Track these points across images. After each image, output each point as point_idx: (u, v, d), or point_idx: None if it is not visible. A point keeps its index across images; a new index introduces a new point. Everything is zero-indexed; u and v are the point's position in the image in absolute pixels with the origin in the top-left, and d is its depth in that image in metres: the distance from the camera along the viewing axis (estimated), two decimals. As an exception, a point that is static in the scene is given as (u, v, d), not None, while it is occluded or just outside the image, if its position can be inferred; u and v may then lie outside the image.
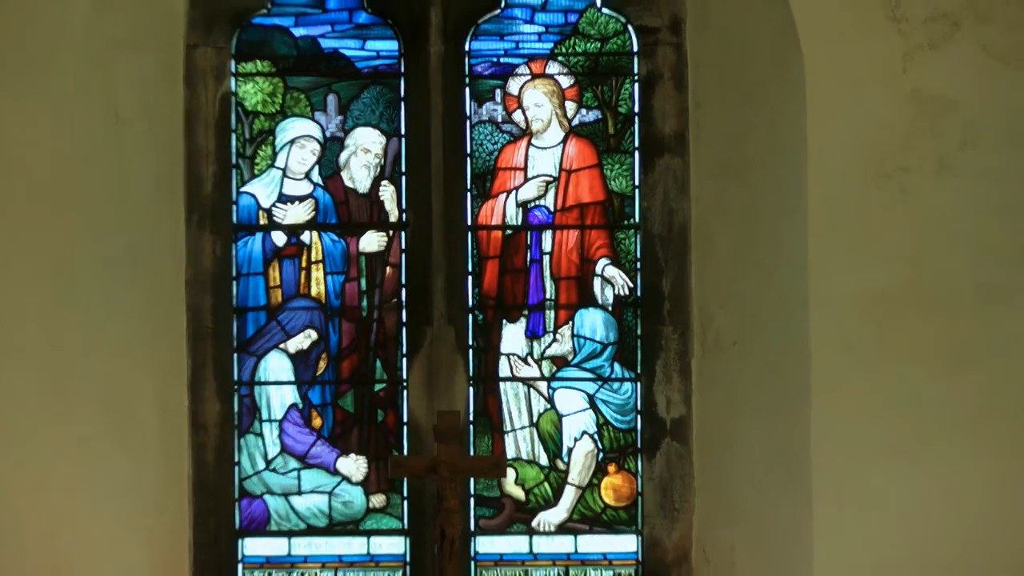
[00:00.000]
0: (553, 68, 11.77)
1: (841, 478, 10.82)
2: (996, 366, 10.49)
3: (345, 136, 11.76)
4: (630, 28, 11.68)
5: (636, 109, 11.75)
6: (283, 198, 11.68)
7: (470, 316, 11.66)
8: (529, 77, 11.78)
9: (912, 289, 10.71)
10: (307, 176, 11.70)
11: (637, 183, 11.74)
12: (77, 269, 10.91)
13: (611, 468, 11.64)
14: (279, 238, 11.70)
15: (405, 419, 11.60)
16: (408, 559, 11.60)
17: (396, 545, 11.64)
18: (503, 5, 11.71)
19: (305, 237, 11.71)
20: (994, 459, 10.51)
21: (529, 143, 11.78)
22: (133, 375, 11.15)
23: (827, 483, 10.88)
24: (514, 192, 11.78)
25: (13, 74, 10.73)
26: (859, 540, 10.83)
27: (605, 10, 11.70)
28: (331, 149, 11.74)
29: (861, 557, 10.82)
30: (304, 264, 11.69)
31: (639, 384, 11.65)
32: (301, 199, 11.69)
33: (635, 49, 11.72)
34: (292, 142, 11.72)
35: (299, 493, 11.64)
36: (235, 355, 11.60)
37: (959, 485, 10.56)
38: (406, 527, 11.61)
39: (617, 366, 11.71)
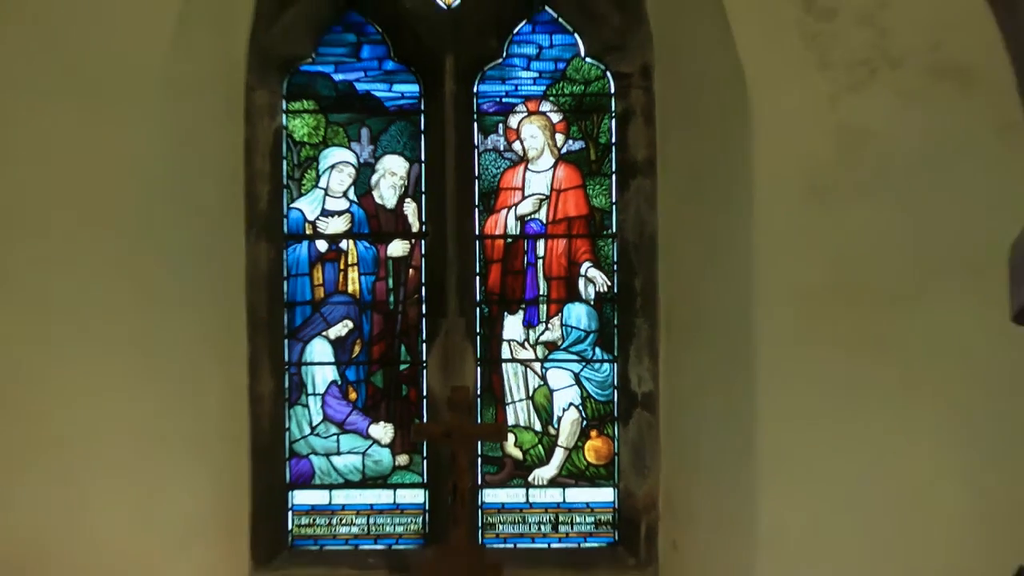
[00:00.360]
0: (545, 106, 11.85)
1: (780, 440, 10.85)
2: (904, 352, 10.53)
3: (375, 162, 11.80)
4: (608, 74, 11.78)
5: (613, 140, 11.86)
6: (325, 213, 11.74)
7: (477, 309, 11.77)
8: (526, 114, 11.85)
9: (837, 288, 10.76)
10: (344, 195, 11.76)
11: (614, 200, 11.83)
12: (157, 272, 11.01)
13: (593, 433, 11.74)
14: (321, 245, 11.77)
15: (424, 393, 11.69)
16: (427, 508, 11.67)
17: (417, 496, 11.71)
18: (504, 55, 11.80)
19: (343, 244, 11.76)
20: (899, 420, 10.54)
21: (526, 168, 11.85)
22: (204, 358, 11.24)
23: (769, 444, 10.95)
24: (513, 208, 11.85)
25: (106, 107, 10.77)
26: (794, 489, 10.85)
27: (588, 59, 11.78)
28: (364, 173, 11.79)
29: (796, 501, 10.80)
30: (342, 267, 11.77)
31: (616, 365, 11.76)
32: (339, 213, 11.75)
33: (612, 91, 11.81)
34: (332, 167, 11.78)
35: (338, 453, 11.72)
36: (285, 341, 11.68)
37: (875, 443, 10.56)
38: (425, 481, 11.69)
39: (598, 350, 11.81)
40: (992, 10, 6.93)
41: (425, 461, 11.75)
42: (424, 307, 11.80)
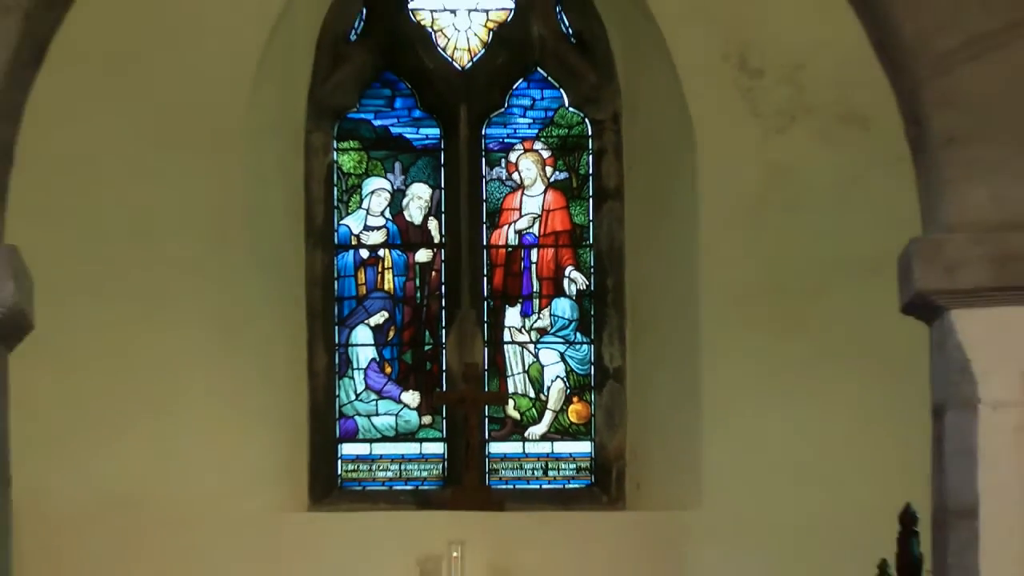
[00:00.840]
0: (537, 145, 11.84)
1: (719, 404, 10.98)
2: (818, 335, 10.81)
3: (406, 188, 11.78)
4: (586, 120, 11.78)
5: (590, 171, 11.85)
6: (366, 228, 11.72)
7: (484, 303, 11.76)
8: (522, 151, 11.83)
9: (765, 286, 10.89)
10: (382, 214, 11.73)
11: (591, 218, 11.81)
12: (239, 274, 11.13)
13: (574, 399, 11.75)
14: (364, 253, 11.74)
15: (444, 368, 11.71)
16: (445, 457, 11.68)
17: (438, 448, 11.73)
18: (506, 105, 11.78)
19: (380, 252, 11.74)
20: (815, 387, 10.66)
21: (522, 193, 11.83)
22: (273, 341, 11.32)
23: (710, 407, 11.07)
24: (513, 224, 11.85)
25: (199, 146, 10.92)
26: (731, 442, 10.97)
27: (570, 109, 11.77)
28: (397, 197, 11.76)
29: (731, 452, 10.91)
30: (380, 270, 11.74)
31: (592, 346, 11.76)
32: (378, 228, 11.73)
33: (589, 133, 11.81)
34: (372, 192, 11.76)
35: (376, 415, 11.71)
36: (335, 327, 11.67)
37: (795, 406, 10.77)
38: (444, 436, 11.69)
39: (578, 334, 11.80)
40: (884, 70, 6.99)
41: (444, 421, 11.76)
42: (443, 301, 11.81)
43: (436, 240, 11.85)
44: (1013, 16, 6.55)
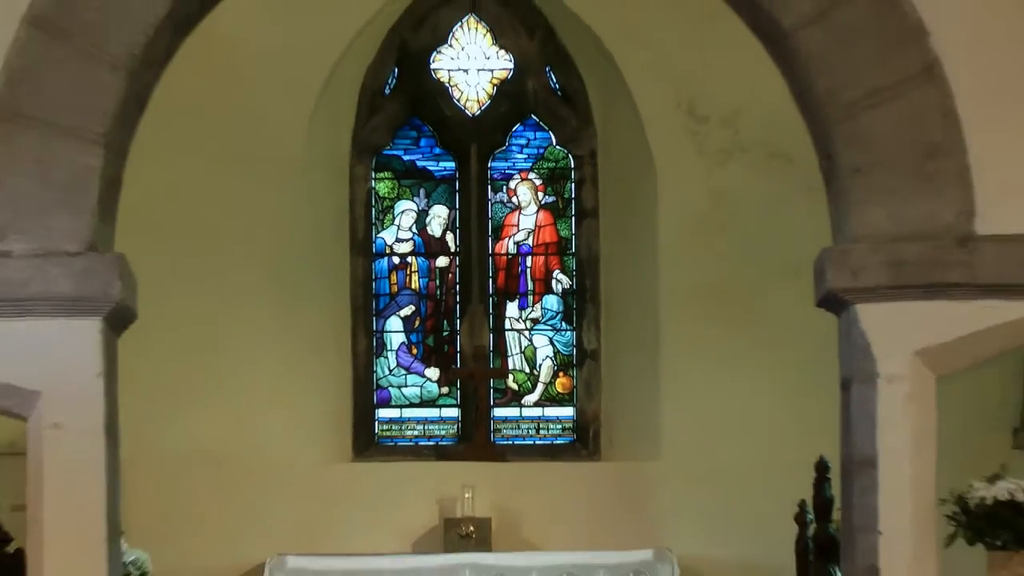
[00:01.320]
0: (532, 175, 11.80)
1: (675, 380, 11.00)
2: (758, 325, 10.75)
3: (428, 209, 11.73)
4: (569, 155, 11.75)
5: (573, 196, 11.80)
6: (397, 240, 11.69)
7: (490, 299, 11.74)
8: (520, 180, 11.79)
9: (712, 286, 10.87)
10: (409, 229, 11.70)
11: (574, 232, 11.77)
12: (297, 277, 11.17)
13: (560, 374, 11.72)
14: (395, 260, 11.72)
15: (458, 349, 11.65)
16: (459, 419, 11.65)
17: (453, 412, 11.71)
18: (507, 144, 11.73)
19: (408, 259, 11.73)
20: (755, 366, 10.72)
21: (519, 213, 11.79)
22: (325, 328, 11.36)
23: (667, 383, 11.09)
24: (512, 237, 11.81)
25: (265, 173, 10.98)
26: (684, 410, 11.01)
27: (557, 146, 11.72)
28: (421, 216, 11.72)
29: (685, 417, 10.94)
30: (408, 273, 11.73)
31: (574, 332, 11.73)
32: (406, 240, 11.71)
33: (572, 166, 11.77)
34: (402, 212, 11.72)
35: (405, 386, 11.69)
36: (373, 318, 11.65)
37: (739, 381, 10.82)
38: (458, 403, 11.67)
39: (564, 323, 11.75)
40: (803, 117, 7.01)
41: (458, 391, 11.72)
42: (458, 297, 11.75)
43: (452, 249, 11.81)
44: (903, 74, 6.58)
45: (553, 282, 11.86)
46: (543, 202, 11.88)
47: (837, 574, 7.20)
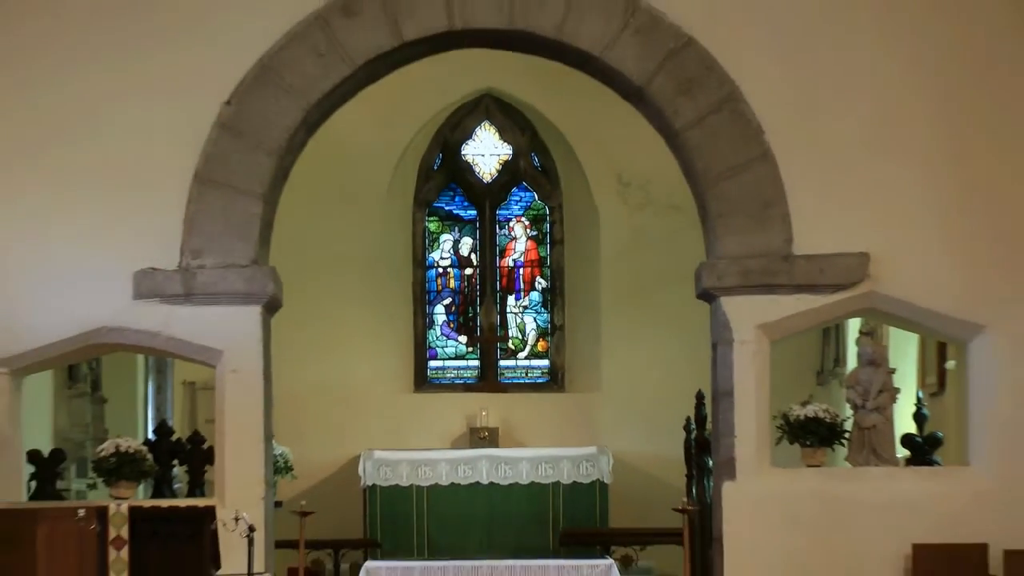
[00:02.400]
0: (523, 219, 11.68)
1: (610, 344, 11.03)
2: (664, 309, 10.42)
3: (459, 239, 11.62)
4: (546, 207, 11.62)
5: (548, 231, 11.67)
6: (441, 258, 11.59)
7: (497, 294, 11.56)
8: (515, 221, 11.66)
9: (634, 285, 10.81)
10: (448, 251, 11.61)
11: (548, 254, 11.64)
12: (379, 281, 11.12)
13: (540, 340, 11.60)
14: (439, 270, 11.62)
15: (478, 324, 11.49)
16: (479, 367, 11.47)
17: (475, 363, 11.53)
18: (507, 200, 11.63)
19: (448, 270, 11.63)
20: (665, 339, 10.57)
21: (515, 242, 11.66)
22: (397, 313, 11.27)
23: (606, 346, 11.05)
24: (511, 256, 11.66)
25: (360, 217, 10.93)
26: (615, 361, 11.00)
27: (539, 201, 11.60)
28: (455, 243, 11.62)
29: (616, 368, 10.94)
30: (448, 278, 11.65)
31: (549, 314, 11.60)
32: (446, 258, 11.62)
33: (547, 213, 11.64)
34: (444, 241, 11.61)
35: (446, 347, 11.58)
36: (426, 306, 11.51)
37: (651, 345, 10.70)
38: (478, 357, 11.51)
39: (543, 309, 11.62)
40: (688, 183, 7.00)
41: (478, 350, 11.55)
42: (478, 293, 11.62)
43: (474, 263, 11.69)
44: (748, 157, 6.61)
45: (536, 283, 11.73)
46: (530, 235, 11.76)
47: (709, 463, 7.19)
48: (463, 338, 11.68)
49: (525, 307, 11.75)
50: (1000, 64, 6.39)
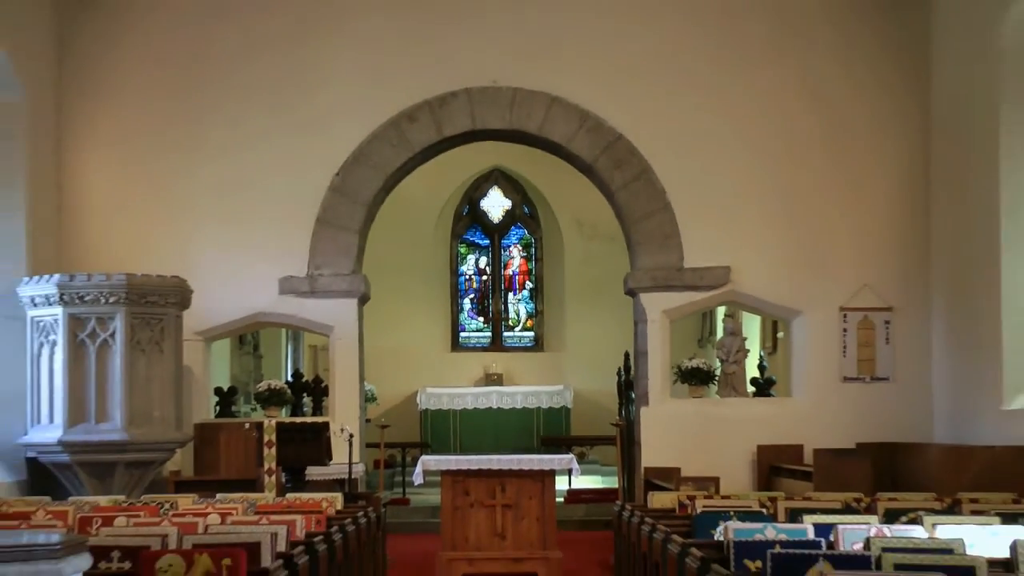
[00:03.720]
0: (518, 245, 11.34)
1: (572, 323, 10.68)
2: (607, 300, 9.22)
3: (478, 259, 11.23)
4: (532, 238, 11.25)
5: (533, 253, 11.30)
6: (467, 269, 11.23)
7: (502, 292, 11.24)
8: (513, 247, 11.32)
9: (588, 288, 10.35)
10: (471, 266, 11.24)
11: (534, 266, 11.26)
12: (429, 285, 10.80)
13: (529, 320, 11.24)
14: (466, 278, 11.25)
15: (490, 311, 11.16)
16: (491, 337, 11.10)
17: (487, 334, 11.13)
18: (508, 234, 11.27)
19: (471, 277, 11.26)
20: (605, 317, 9.89)
21: (513, 260, 11.33)
22: (440, 305, 10.92)
23: (568, 322, 10.72)
24: (511, 268, 11.31)
25: (415, 246, 10.53)
26: (575, 335, 10.66)
27: (528, 234, 11.24)
28: (476, 261, 11.25)
29: (575, 336, 10.61)
30: (471, 283, 11.27)
31: (534, 304, 11.25)
32: (470, 270, 11.25)
33: (534, 245, 11.25)
34: (468, 260, 11.25)
35: (469, 325, 11.18)
36: (460, 300, 11.14)
37: (599, 327, 10.02)
38: (490, 331, 11.15)
39: (530, 301, 11.28)
40: (619, 222, 7.05)
41: (491, 325, 11.18)
42: (490, 291, 11.29)
43: (488, 273, 11.38)
44: (655, 208, 6.65)
45: (525, 285, 11.48)
46: (522, 255, 11.50)
47: (632, 395, 7.18)
48: (480, 319, 11.38)
49: (519, 300, 11.51)
50: (822, 134, 6.49)
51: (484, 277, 11.60)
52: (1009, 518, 2.69)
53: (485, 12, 6.28)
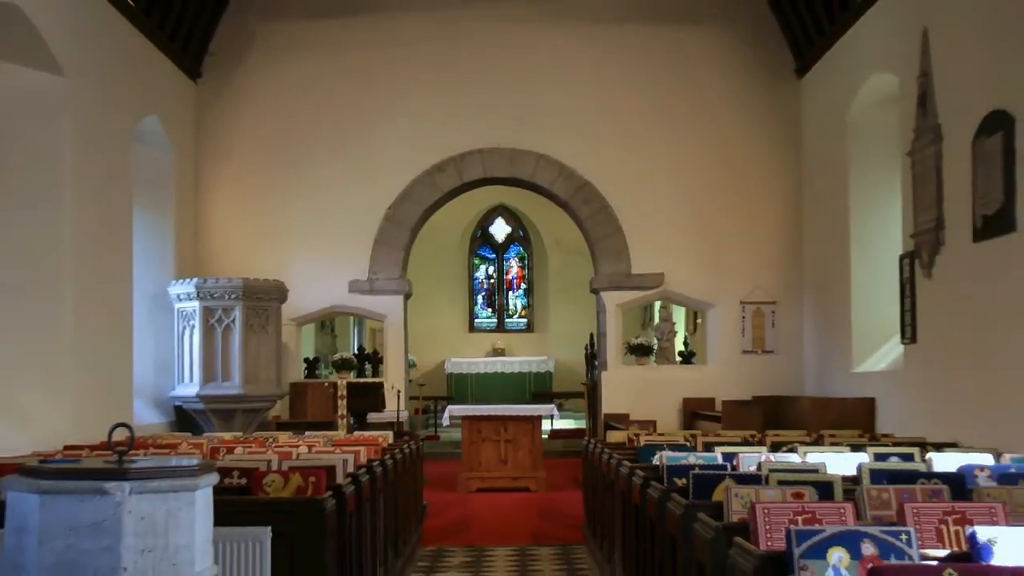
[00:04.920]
0: (515, 259, 11.03)
1: (554, 312, 10.34)
2: (576, 295, 8.72)
3: (488, 268, 10.93)
4: (525, 254, 10.91)
5: (527, 264, 10.98)
6: (480, 276, 10.91)
7: (504, 290, 10.95)
8: (513, 259, 11.03)
9: (563, 288, 10.09)
10: (483, 273, 10.93)
11: (528, 272, 10.93)
12: (454, 288, 10.48)
13: (523, 309, 10.90)
14: (479, 281, 10.91)
15: (495, 304, 10.84)
16: (497, 322, 10.76)
17: (493, 319, 10.75)
18: (508, 250, 10.90)
19: (482, 280, 10.92)
20: (577, 308, 9.13)
21: (512, 268, 11.03)
22: (461, 300, 10.61)
23: (551, 313, 10.31)
24: (510, 275, 11.03)
25: (443, 258, 10.17)
26: (556, 321, 10.30)
27: (523, 251, 10.92)
28: (486, 269, 10.95)
29: (556, 323, 10.25)
30: (482, 284, 10.96)
31: (527, 299, 10.93)
32: (482, 275, 10.95)
33: (526, 257, 10.93)
34: (481, 269, 10.91)
35: (481, 312, 10.88)
36: (473, 295, 10.82)
37: (567, 316, 9.49)
38: (496, 318, 10.83)
39: (524, 297, 10.94)
40: (587, 243, 7.04)
41: (496, 314, 10.86)
42: (496, 290, 10.99)
43: (494, 277, 11.10)
44: (611, 230, 6.57)
45: (521, 286, 11.18)
46: (518, 266, 11.15)
47: (595, 363, 7.03)
48: (489, 310, 11.00)
49: (516, 296, 11.20)
50: (728, 179, 6.45)
51: (491, 280, 11.28)
52: (856, 448, 2.84)
53: (492, 96, 6.37)
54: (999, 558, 1.12)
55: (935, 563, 1.11)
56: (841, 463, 2.39)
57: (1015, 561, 1.10)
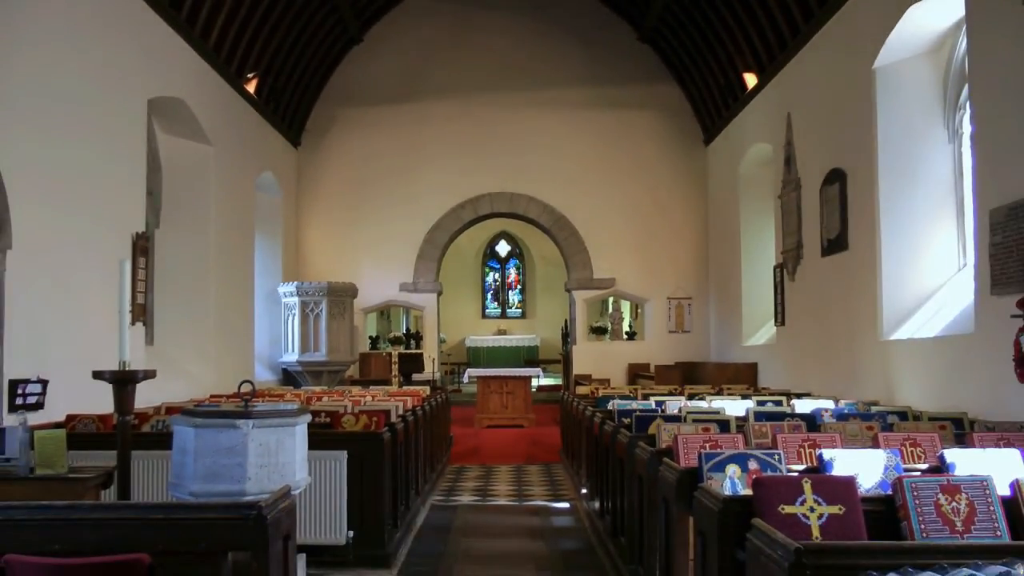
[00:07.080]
0: (513, 269, 10.80)
1: (542, 303, 10.38)
2: (552, 294, 9.34)
3: (495, 275, 10.76)
4: (522, 266, 10.69)
5: (522, 273, 10.78)
6: (489, 281, 10.74)
7: (508, 289, 10.78)
8: (512, 269, 10.81)
9: (548, 286, 10.10)
10: (491, 278, 10.75)
11: (523, 277, 10.77)
12: (470, 289, 10.50)
13: (517, 303, 10.71)
14: (488, 283, 10.76)
15: (500, 299, 10.67)
16: (500, 311, 10.60)
17: (498, 310, 10.60)
18: (508, 263, 10.70)
19: (491, 283, 10.78)
20: (553, 302, 9.59)
21: (513, 276, 10.84)
22: (475, 297, 10.57)
23: (539, 304, 10.35)
24: (510, 279, 10.90)
25: (460, 268, 9.93)
26: (539, 309, 10.43)
27: (520, 263, 10.66)
28: (495, 276, 10.77)
29: (541, 312, 10.12)
30: (491, 286, 10.76)
31: (522, 296, 10.79)
32: (492, 281, 10.75)
33: (522, 267, 10.70)
34: (490, 275, 10.77)
35: (490, 305, 10.70)
36: (484, 294, 10.63)
37: (554, 304, 9.62)
38: (501, 309, 10.65)
39: (520, 295, 10.77)
40: (564, 258, 7.06)
41: (501, 306, 10.70)
42: (501, 290, 10.80)
43: (499, 281, 10.88)
44: (580, 249, 6.54)
45: (518, 287, 10.94)
46: (516, 274, 10.93)
47: (568, 339, 7.05)
48: (495, 303, 10.86)
49: (514, 294, 10.95)
50: (659, 211, 6.79)
51: (497, 283, 11.05)
52: (745, 396, 3.30)
53: (498, 157, 6.82)
54: (837, 470, 1.37)
55: (796, 474, 1.28)
56: (735, 407, 2.73)
57: (847, 471, 1.36)
